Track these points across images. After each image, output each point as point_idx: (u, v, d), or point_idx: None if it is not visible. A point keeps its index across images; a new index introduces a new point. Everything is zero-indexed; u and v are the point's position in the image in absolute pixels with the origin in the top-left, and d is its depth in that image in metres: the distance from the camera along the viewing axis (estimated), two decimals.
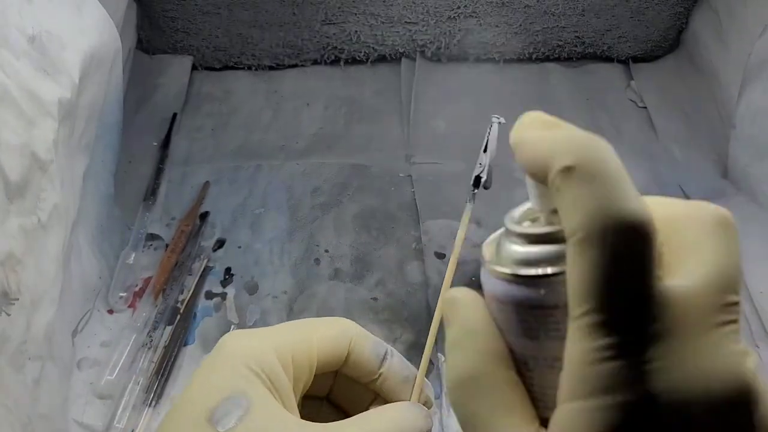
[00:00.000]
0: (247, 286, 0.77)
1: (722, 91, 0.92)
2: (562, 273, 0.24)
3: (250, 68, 1.03)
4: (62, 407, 0.62)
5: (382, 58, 1.03)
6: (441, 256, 0.79)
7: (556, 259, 0.24)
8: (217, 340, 0.33)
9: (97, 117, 0.71)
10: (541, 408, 0.25)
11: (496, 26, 0.99)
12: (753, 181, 0.83)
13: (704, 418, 0.20)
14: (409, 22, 0.99)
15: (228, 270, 0.78)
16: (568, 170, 0.22)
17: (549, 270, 0.24)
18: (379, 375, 0.35)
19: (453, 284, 0.42)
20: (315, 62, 1.03)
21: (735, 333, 0.21)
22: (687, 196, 0.86)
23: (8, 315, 0.52)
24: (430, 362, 0.69)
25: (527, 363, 0.26)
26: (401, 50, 1.02)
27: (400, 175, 0.89)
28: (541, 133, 0.24)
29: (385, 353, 0.35)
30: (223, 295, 0.76)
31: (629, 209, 0.21)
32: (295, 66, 1.03)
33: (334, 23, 0.98)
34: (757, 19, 0.83)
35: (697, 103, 0.97)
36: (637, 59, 1.04)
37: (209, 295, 0.76)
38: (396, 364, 0.35)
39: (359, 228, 0.83)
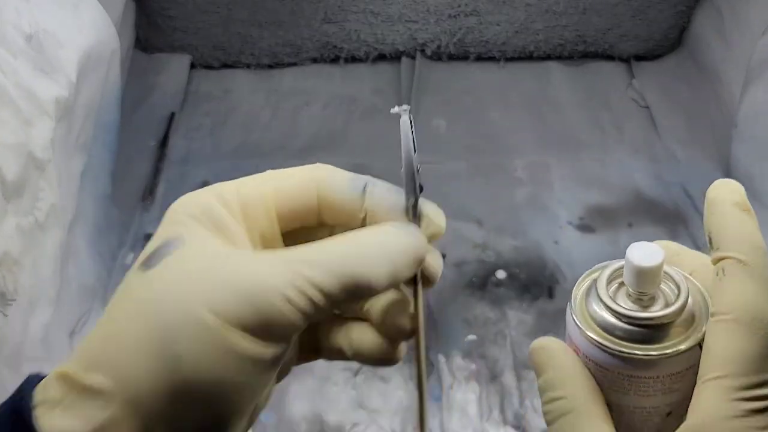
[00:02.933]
0: None
1: (724, 90, 0.91)
2: (665, 354, 0.30)
3: (249, 67, 1.02)
4: None
5: (381, 57, 1.02)
6: (441, 256, 0.79)
7: (654, 339, 0.30)
8: None
9: (94, 116, 0.71)
10: None
11: (497, 25, 0.99)
12: (755, 180, 0.83)
13: None
14: (410, 21, 0.98)
15: None
16: (739, 263, 0.29)
17: (654, 352, 0.30)
18: (364, 212, 0.31)
19: (453, 282, 0.43)
20: (314, 61, 1.02)
21: None
22: (689, 196, 0.86)
23: (5, 316, 0.52)
24: (429, 363, 0.69)
25: (614, 407, 0.31)
26: (401, 49, 1.01)
27: (401, 174, 0.88)
28: (737, 219, 0.31)
29: (365, 186, 0.31)
30: None
31: None
32: (294, 65, 1.02)
33: (333, 22, 0.98)
34: (760, 19, 0.82)
35: (700, 103, 0.97)
36: (639, 58, 1.04)
37: None
38: (378, 193, 0.31)
39: None
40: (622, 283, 0.32)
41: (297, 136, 0.93)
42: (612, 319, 0.30)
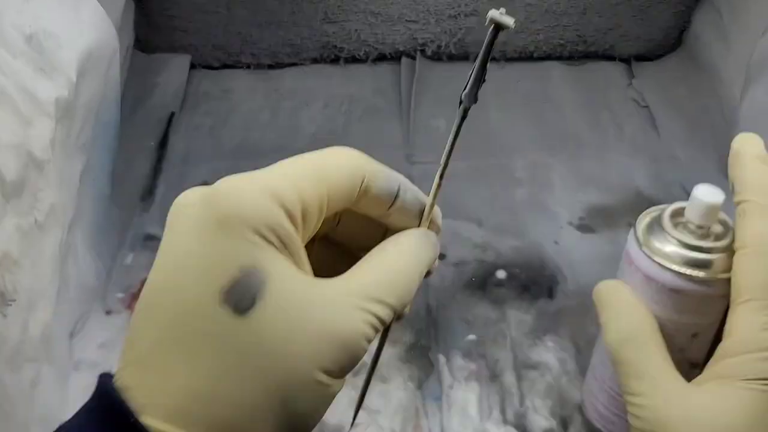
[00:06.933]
0: None
1: (725, 90, 0.91)
2: (710, 278, 0.41)
3: (248, 67, 1.02)
4: (59, 410, 0.62)
5: (382, 57, 1.02)
6: (441, 256, 0.79)
7: (711, 263, 0.41)
8: None
9: (94, 116, 0.71)
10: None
11: None
12: None
13: None
14: (410, 21, 0.98)
15: None
16: (757, 205, 0.38)
17: (702, 274, 0.40)
18: (390, 212, 0.33)
19: (453, 282, 0.47)
20: (314, 61, 1.02)
21: None
22: (689, 196, 0.86)
23: (4, 316, 0.51)
24: (429, 363, 0.69)
25: (667, 330, 0.41)
26: (401, 49, 1.01)
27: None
28: (756, 168, 0.39)
29: (398, 189, 0.33)
30: None
31: None
32: (294, 65, 1.02)
33: (333, 21, 0.98)
34: (760, 18, 0.82)
35: (700, 102, 0.97)
36: (639, 58, 1.04)
37: None
38: (409, 200, 0.34)
39: None
40: (678, 223, 0.42)
41: (297, 136, 0.93)
42: (674, 247, 0.41)
